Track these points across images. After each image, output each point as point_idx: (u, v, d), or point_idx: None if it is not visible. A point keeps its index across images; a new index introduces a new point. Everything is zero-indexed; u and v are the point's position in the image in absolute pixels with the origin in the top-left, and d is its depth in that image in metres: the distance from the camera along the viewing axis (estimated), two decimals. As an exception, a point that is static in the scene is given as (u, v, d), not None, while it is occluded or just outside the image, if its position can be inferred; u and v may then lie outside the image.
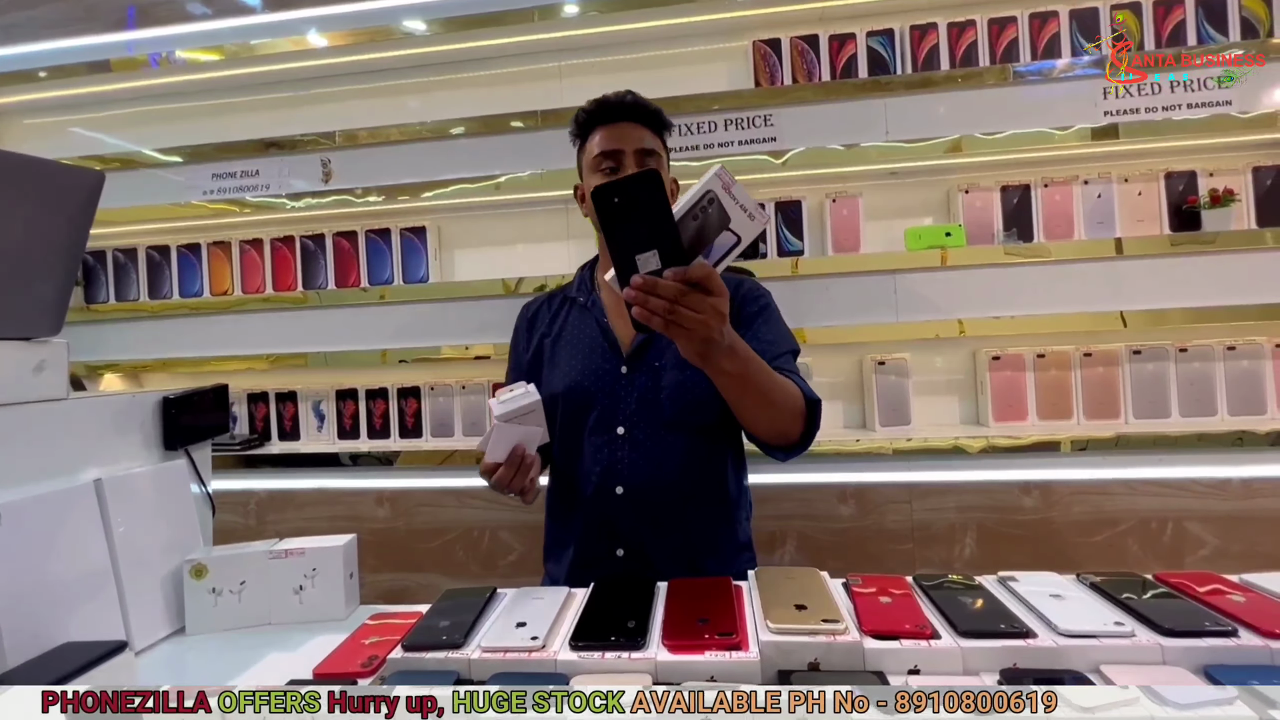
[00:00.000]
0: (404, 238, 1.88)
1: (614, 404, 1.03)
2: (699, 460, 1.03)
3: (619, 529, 1.03)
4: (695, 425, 1.03)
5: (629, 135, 1.03)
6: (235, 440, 1.81)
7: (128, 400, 0.91)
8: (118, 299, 1.98)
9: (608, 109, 1.05)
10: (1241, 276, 1.53)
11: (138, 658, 0.76)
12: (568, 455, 1.07)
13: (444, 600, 0.78)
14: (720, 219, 0.69)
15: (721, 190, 0.69)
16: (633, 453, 1.02)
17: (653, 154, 1.04)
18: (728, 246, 0.71)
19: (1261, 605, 0.67)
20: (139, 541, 0.83)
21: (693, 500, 1.03)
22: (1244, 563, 1.39)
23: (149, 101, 2.03)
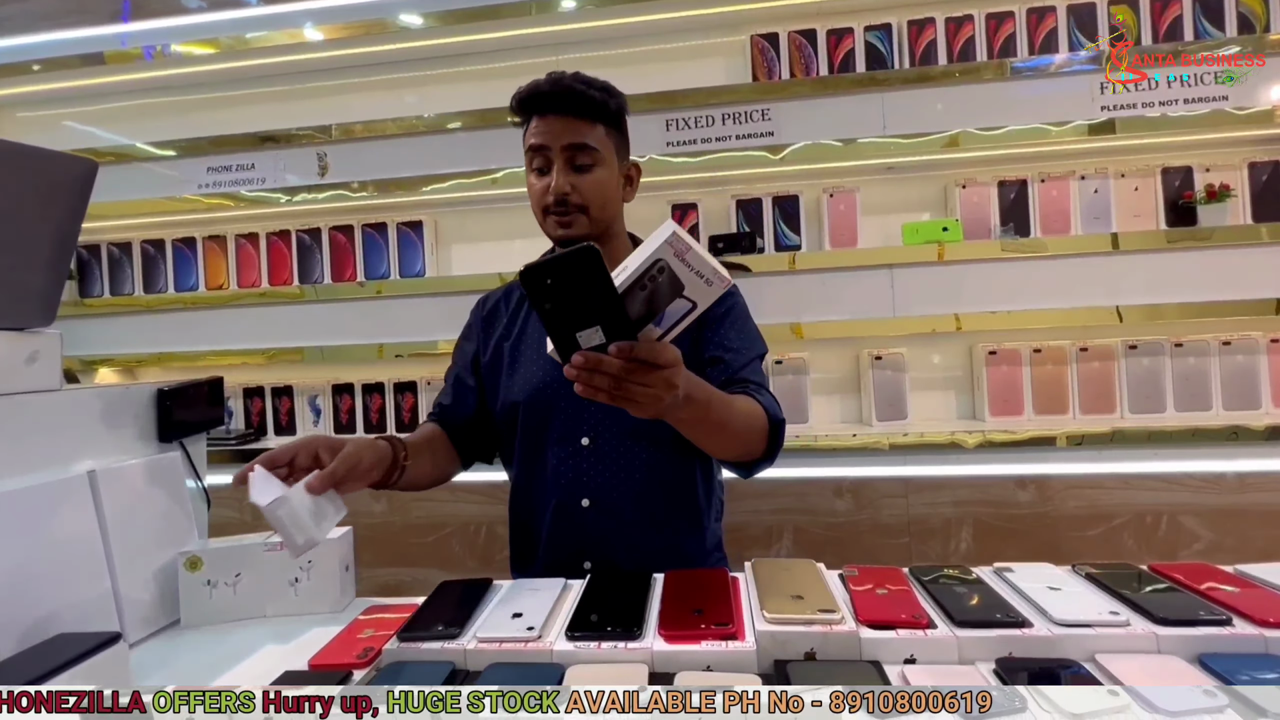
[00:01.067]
0: (400, 232, 1.87)
1: (577, 413, 0.97)
2: (667, 470, 0.99)
3: (586, 542, 0.98)
4: (662, 435, 0.95)
5: (557, 129, 0.93)
6: (231, 435, 1.81)
7: (121, 392, 0.90)
8: (112, 293, 1.97)
9: (538, 98, 0.94)
10: (1237, 272, 1.53)
11: (132, 650, 0.75)
12: (530, 467, 1.01)
13: (440, 592, 0.78)
14: (672, 286, 0.62)
15: (673, 258, 0.61)
16: (598, 464, 0.97)
17: (584, 149, 0.94)
18: (681, 313, 0.63)
19: (1255, 595, 0.67)
20: (133, 533, 0.82)
21: (662, 510, 0.98)
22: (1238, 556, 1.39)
23: (143, 95, 2.01)
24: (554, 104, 0.94)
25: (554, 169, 0.94)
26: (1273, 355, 1.53)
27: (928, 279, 1.63)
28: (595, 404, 0.91)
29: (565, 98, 0.93)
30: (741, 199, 1.75)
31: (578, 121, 0.94)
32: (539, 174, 0.96)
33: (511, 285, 1.12)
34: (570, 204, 0.93)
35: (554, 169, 0.94)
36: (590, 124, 0.95)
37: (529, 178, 0.98)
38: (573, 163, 0.94)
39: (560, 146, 0.93)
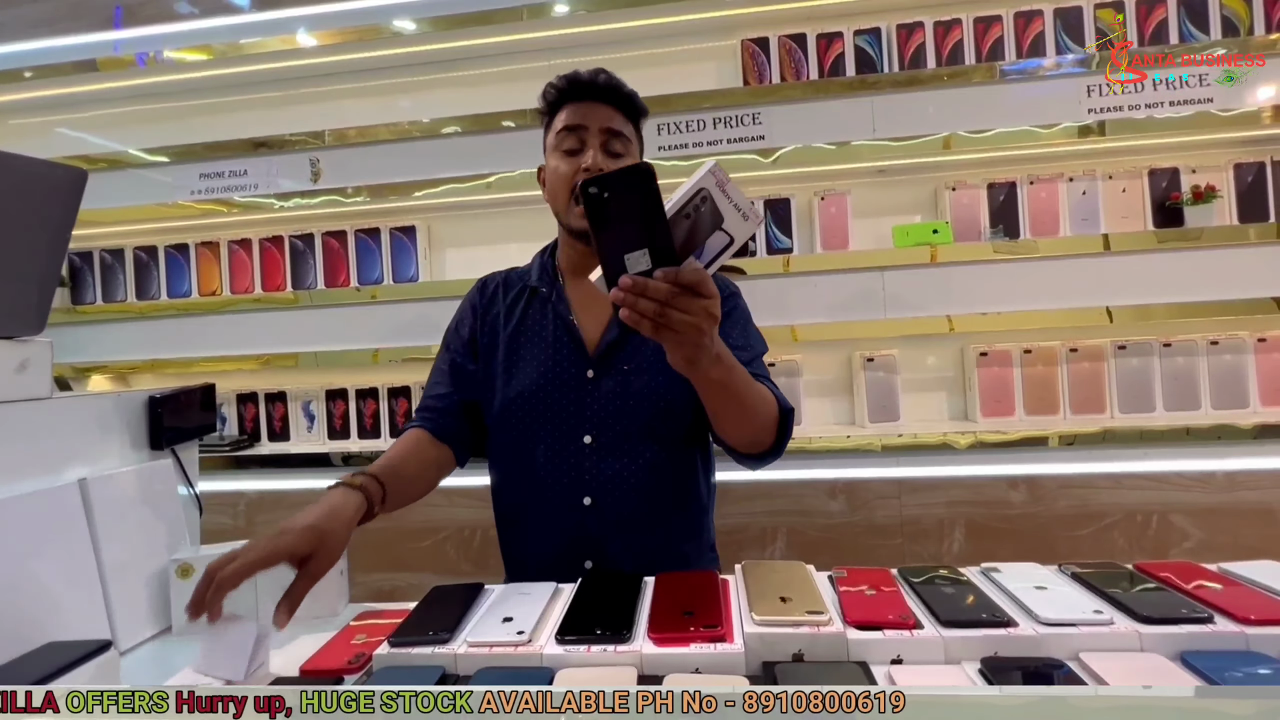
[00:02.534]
0: (394, 237, 1.88)
1: (580, 410, 0.96)
2: (670, 469, 0.98)
3: (587, 541, 0.96)
4: (666, 434, 0.97)
5: (596, 113, 0.96)
6: (224, 441, 1.80)
7: (113, 400, 0.90)
8: (105, 300, 1.96)
9: (578, 86, 0.97)
10: (1224, 272, 1.55)
11: (122, 657, 0.76)
12: (526, 464, 0.98)
13: (431, 597, 0.79)
14: (713, 218, 0.66)
15: (715, 188, 0.65)
16: (601, 462, 0.95)
17: (620, 136, 0.96)
18: (720, 247, 0.67)
19: (1237, 593, 0.68)
20: (124, 541, 0.82)
21: (664, 510, 0.98)
22: (1228, 554, 1.40)
23: (136, 101, 2.01)
24: (594, 92, 0.96)
25: (588, 149, 0.94)
26: (1260, 354, 1.55)
27: (919, 281, 1.64)
28: (598, 401, 0.95)
29: (605, 89, 0.97)
30: (733, 202, 1.76)
31: (615, 112, 0.97)
32: (569, 155, 0.95)
33: (512, 273, 1.10)
34: None
35: (588, 149, 0.94)
36: (624, 118, 0.98)
37: (554, 161, 0.97)
38: (607, 147, 0.95)
39: (599, 128, 0.95)
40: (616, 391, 0.96)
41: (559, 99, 0.99)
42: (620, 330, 0.96)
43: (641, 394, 0.95)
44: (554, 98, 0.99)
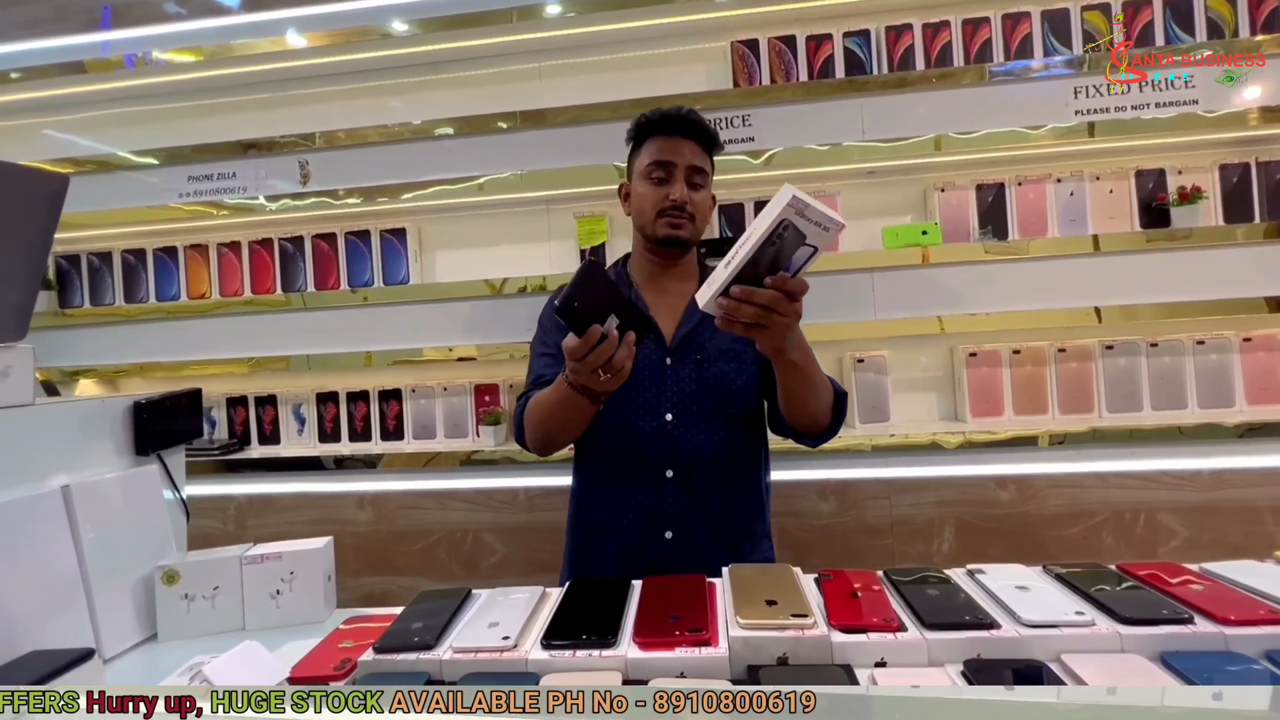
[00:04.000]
0: (384, 239, 1.87)
1: (660, 392, 1.10)
2: (739, 448, 1.12)
3: (668, 512, 1.08)
4: (735, 415, 1.11)
5: (683, 150, 1.11)
6: (214, 445, 1.80)
7: (97, 405, 0.90)
8: (92, 303, 1.95)
9: (669, 121, 1.12)
10: (1210, 272, 1.56)
11: (107, 665, 0.75)
12: (615, 440, 1.11)
13: (418, 602, 0.78)
14: (796, 238, 0.74)
15: (795, 216, 0.73)
16: (682, 437, 1.09)
17: (701, 171, 1.12)
18: (806, 257, 0.77)
19: (1218, 593, 0.69)
20: (109, 548, 0.82)
21: (734, 485, 1.11)
22: (1214, 552, 1.42)
23: (124, 103, 2.00)
24: (684, 129, 1.12)
25: (675, 181, 1.11)
26: (1245, 354, 1.56)
27: (909, 282, 1.65)
28: (676, 384, 1.10)
29: (694, 127, 1.12)
30: (723, 204, 1.76)
31: (697, 148, 1.13)
32: (658, 184, 1.11)
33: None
34: (686, 211, 1.10)
35: (675, 181, 1.11)
36: (704, 153, 1.14)
37: (643, 188, 1.13)
38: (690, 180, 1.11)
39: (685, 165, 1.11)
40: (692, 377, 1.11)
41: (648, 129, 1.14)
42: (692, 326, 1.12)
43: (713, 379, 1.10)
44: (644, 126, 1.14)
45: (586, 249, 1.80)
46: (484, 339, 1.79)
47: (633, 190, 1.17)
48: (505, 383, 1.82)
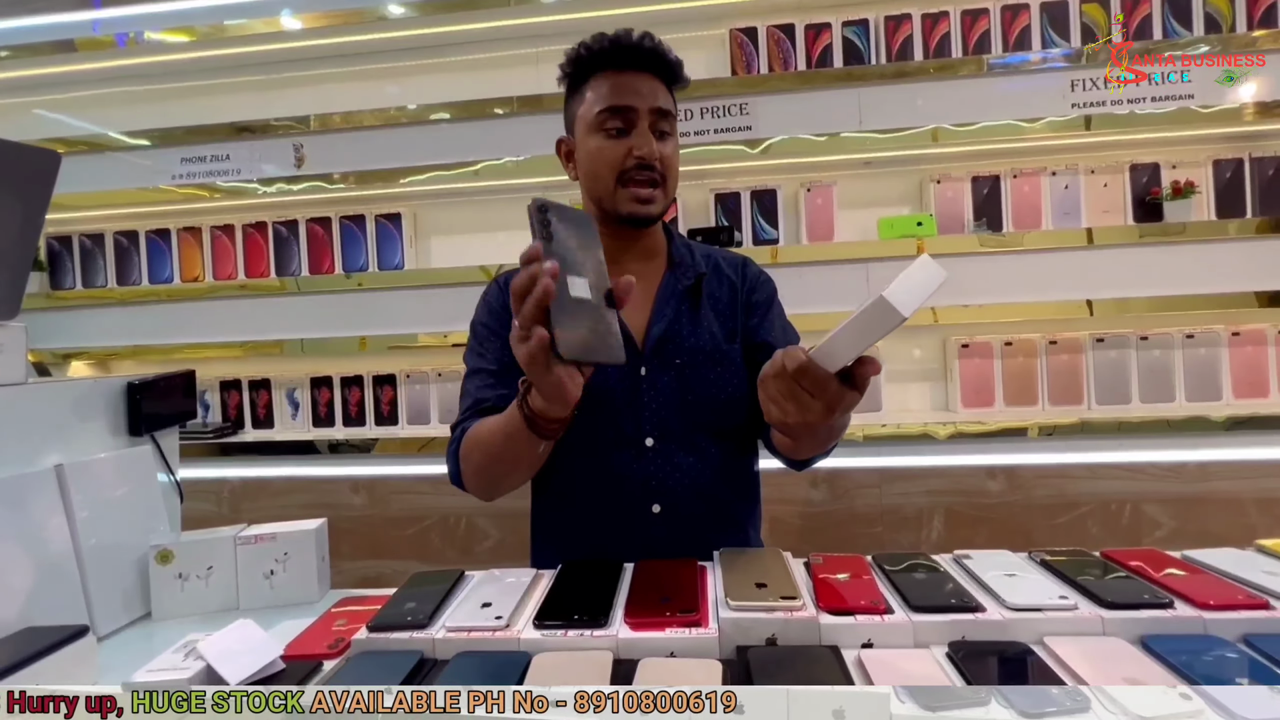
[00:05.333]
0: (379, 224, 1.86)
1: (637, 410, 0.88)
2: (732, 464, 0.93)
3: (658, 549, 0.85)
4: (727, 427, 0.91)
5: (642, 89, 0.83)
6: (208, 428, 1.80)
7: (90, 385, 0.90)
8: (84, 285, 1.94)
9: (621, 50, 0.84)
10: (1202, 266, 1.57)
11: (101, 643, 0.76)
12: (586, 474, 0.89)
13: (412, 583, 0.79)
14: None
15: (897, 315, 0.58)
16: (666, 464, 0.88)
17: (669, 116, 0.85)
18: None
19: (1198, 579, 0.70)
20: (102, 527, 0.82)
21: (730, 509, 0.93)
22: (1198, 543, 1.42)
23: (116, 83, 1.98)
24: (641, 61, 0.84)
25: (637, 131, 0.83)
26: (1233, 348, 1.57)
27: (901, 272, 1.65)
28: (655, 398, 0.88)
29: (653, 56, 0.84)
30: (720, 192, 1.76)
31: (661, 85, 0.85)
32: (614, 136, 0.84)
33: None
34: (655, 170, 0.84)
35: (637, 131, 0.83)
36: (669, 91, 0.87)
37: (596, 142, 0.85)
38: (656, 128, 0.84)
39: (648, 109, 0.83)
40: (673, 387, 0.88)
41: (591, 63, 0.85)
42: (667, 321, 0.89)
43: (699, 387, 0.89)
44: (586, 59, 0.85)
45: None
46: (479, 325, 1.79)
47: (579, 147, 0.88)
48: (500, 369, 1.82)
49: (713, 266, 0.95)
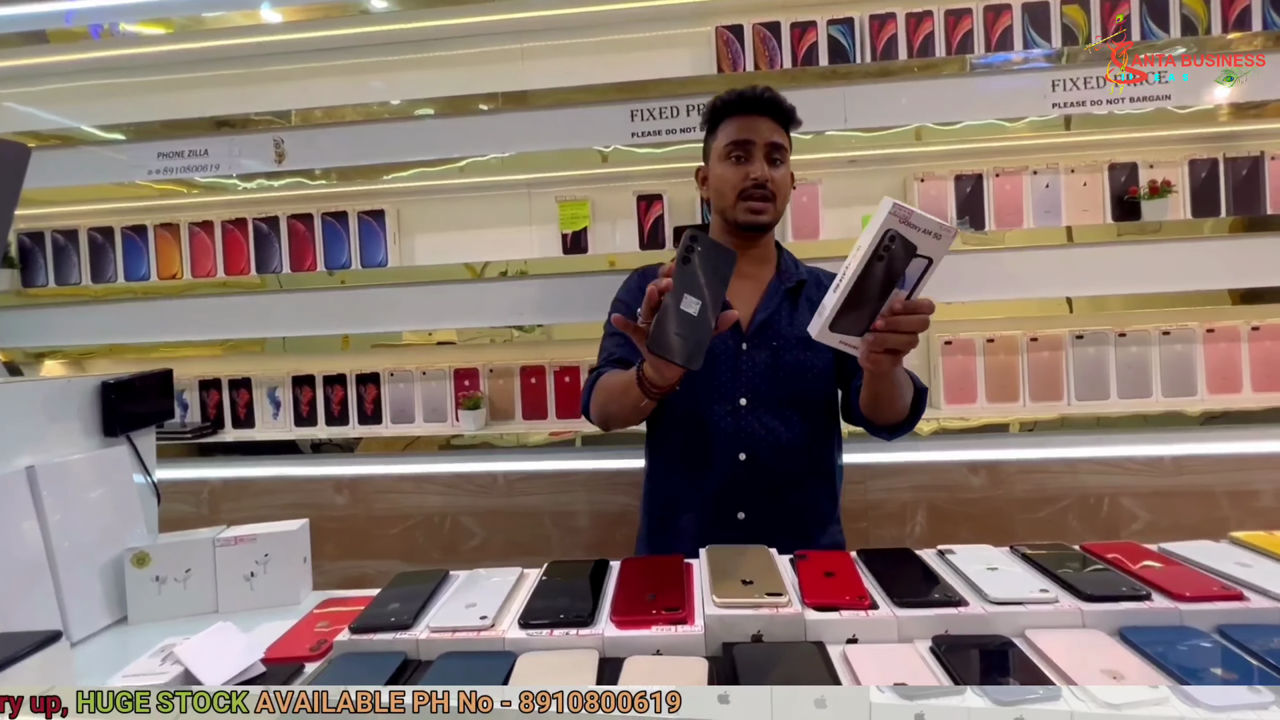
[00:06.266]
0: (362, 221, 1.84)
1: (735, 377, 1.10)
2: (812, 433, 1.12)
3: (741, 494, 1.09)
4: (810, 401, 1.11)
5: (760, 127, 1.09)
6: (186, 428, 1.76)
7: (63, 385, 0.88)
8: (57, 283, 1.89)
9: (745, 101, 1.11)
10: (1178, 264, 1.60)
11: (76, 648, 0.74)
12: (690, 423, 1.11)
13: (395, 583, 0.78)
14: (906, 250, 0.70)
15: (900, 225, 0.69)
16: (755, 422, 1.09)
17: (781, 148, 1.11)
18: (920, 270, 0.72)
19: (1174, 572, 0.72)
20: (76, 530, 0.80)
21: (806, 470, 1.12)
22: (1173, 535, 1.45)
23: (90, 76, 1.93)
24: (760, 107, 1.10)
25: (754, 160, 1.09)
26: (1208, 344, 1.61)
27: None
28: (752, 370, 1.10)
29: (770, 104, 1.11)
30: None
31: (775, 125, 1.11)
32: (736, 163, 1.10)
33: (656, 266, 1.21)
34: (767, 189, 1.09)
35: (754, 160, 1.09)
36: (782, 130, 1.12)
37: (722, 169, 1.11)
38: (769, 157, 1.10)
39: (763, 142, 1.09)
40: (768, 362, 1.10)
41: (724, 110, 1.13)
42: (769, 312, 1.12)
43: (789, 365, 1.10)
44: (720, 108, 1.13)
45: (567, 233, 1.79)
46: (464, 323, 1.77)
47: (711, 173, 1.15)
48: (485, 367, 1.81)
49: (814, 278, 1.19)
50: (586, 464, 1.63)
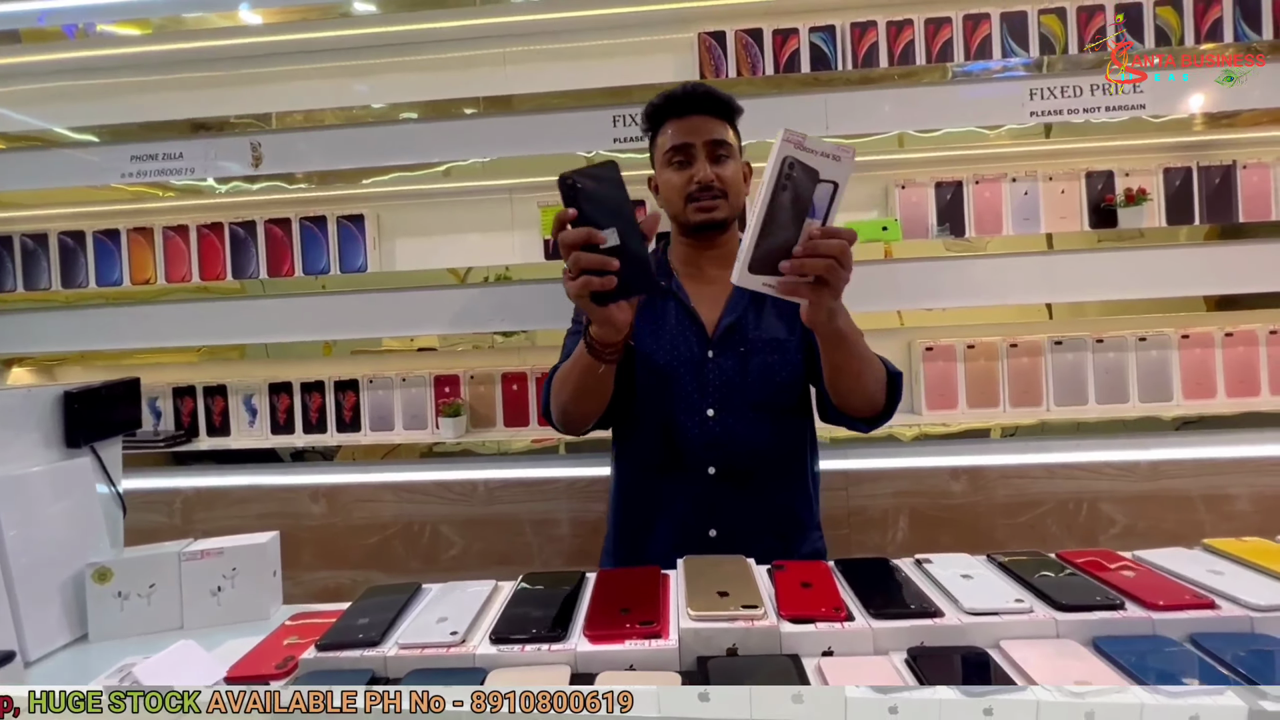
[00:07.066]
0: (341, 226, 1.82)
1: (701, 386, 1.06)
2: (784, 440, 1.08)
3: (712, 509, 1.05)
4: (779, 407, 1.07)
5: (699, 127, 1.06)
6: (159, 436, 1.73)
7: (22, 395, 0.85)
8: (26, 287, 1.85)
9: (676, 102, 1.08)
10: (1153, 271, 1.62)
11: (30, 668, 0.72)
12: (655, 436, 1.07)
13: (365, 597, 0.77)
14: (809, 176, 0.70)
15: (796, 149, 0.69)
16: (724, 433, 1.05)
17: (723, 143, 1.07)
18: (828, 197, 0.71)
19: (1148, 580, 0.72)
20: (35, 545, 0.78)
21: (779, 479, 1.08)
22: (1149, 539, 1.48)
23: (63, 76, 1.89)
24: (693, 106, 1.07)
25: (696, 161, 1.06)
26: (1183, 350, 1.63)
27: (870, 276, 1.67)
28: (718, 378, 1.05)
29: (703, 100, 1.07)
30: (689, 196, 1.76)
31: (714, 120, 1.07)
32: (679, 168, 1.07)
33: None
34: (715, 189, 1.05)
35: (696, 161, 1.06)
36: (723, 123, 1.08)
37: (666, 175, 1.09)
38: (712, 155, 1.06)
39: (703, 141, 1.05)
40: (735, 369, 1.06)
41: (658, 115, 1.10)
42: (735, 316, 1.07)
43: (758, 370, 1.06)
44: (654, 114, 1.10)
45: (549, 238, 1.78)
46: (445, 329, 1.76)
47: (659, 180, 1.12)
48: (466, 373, 1.79)
49: None
50: (568, 471, 1.62)
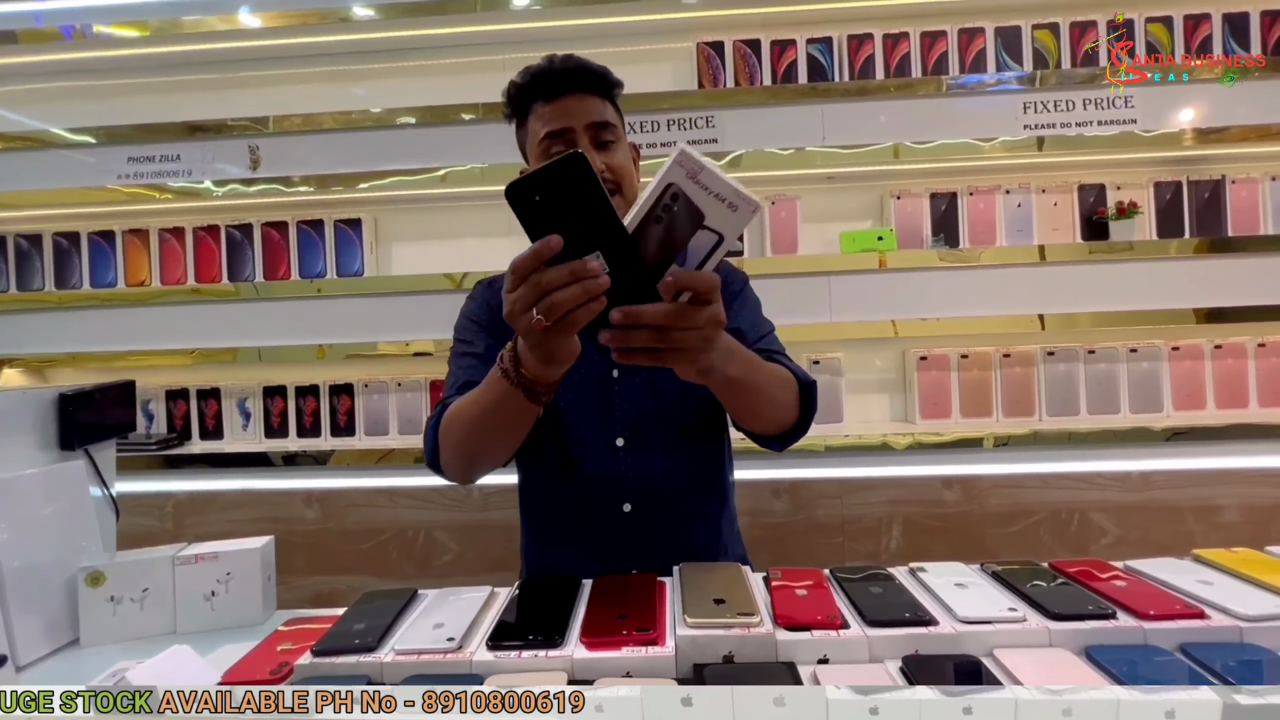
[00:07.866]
0: (338, 229, 1.82)
1: (609, 413, 0.91)
2: (702, 464, 0.96)
3: (630, 549, 0.91)
4: (696, 427, 0.94)
5: (575, 109, 0.86)
6: (151, 440, 1.72)
7: (17, 397, 0.85)
8: (19, 288, 1.84)
9: (546, 79, 0.88)
10: (1144, 284, 1.64)
11: (21, 673, 0.71)
12: (559, 474, 0.93)
13: (361, 603, 0.76)
14: (691, 216, 0.55)
15: (686, 180, 0.54)
16: (636, 466, 0.91)
17: (608, 126, 0.88)
18: (707, 248, 0.56)
19: (1139, 589, 0.72)
20: (27, 549, 0.77)
21: (700, 507, 0.96)
22: (1140, 549, 1.50)
23: (60, 77, 1.89)
24: (567, 84, 0.87)
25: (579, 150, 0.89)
26: (1173, 362, 1.65)
27: (864, 286, 1.69)
28: (626, 401, 0.90)
29: (578, 75, 0.87)
30: (686, 204, 1.77)
31: (594, 99, 0.88)
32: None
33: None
34: (607, 181, 0.85)
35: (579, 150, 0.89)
36: (603, 101, 0.90)
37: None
38: (596, 140, 0.87)
39: (583, 125, 0.86)
40: (644, 389, 0.91)
41: (523, 97, 0.90)
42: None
43: (671, 392, 0.90)
44: (518, 95, 0.90)
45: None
46: (441, 334, 1.76)
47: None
48: (463, 379, 1.79)
49: None
50: (564, 477, 1.62)
